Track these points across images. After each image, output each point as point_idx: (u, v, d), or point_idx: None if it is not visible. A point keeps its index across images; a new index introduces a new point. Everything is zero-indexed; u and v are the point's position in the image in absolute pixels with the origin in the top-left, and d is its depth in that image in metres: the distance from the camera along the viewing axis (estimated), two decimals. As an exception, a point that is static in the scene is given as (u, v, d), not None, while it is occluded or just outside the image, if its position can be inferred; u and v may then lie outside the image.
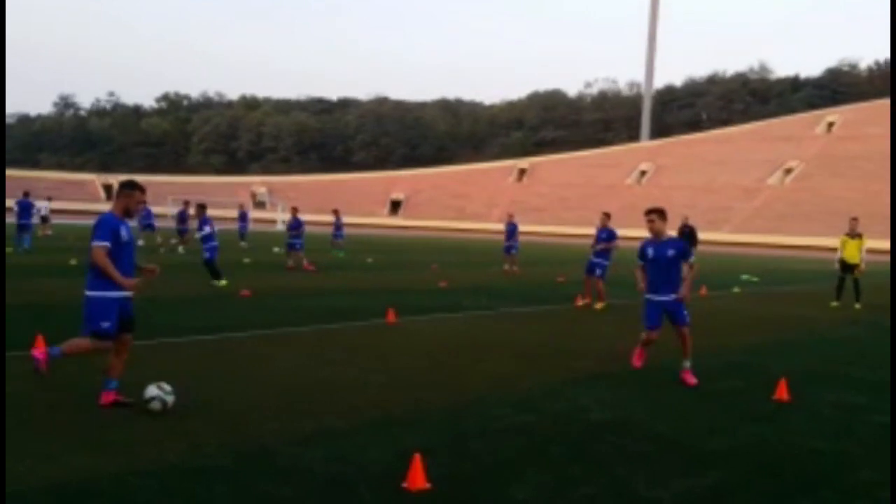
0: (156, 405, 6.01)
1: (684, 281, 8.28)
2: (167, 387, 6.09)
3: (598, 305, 14.98)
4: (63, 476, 4.63)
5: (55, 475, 4.64)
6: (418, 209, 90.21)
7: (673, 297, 8.21)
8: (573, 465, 5.27)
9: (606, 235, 15.59)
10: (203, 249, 16.78)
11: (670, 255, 8.28)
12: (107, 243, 6.18)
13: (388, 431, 5.87)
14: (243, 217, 36.72)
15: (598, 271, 15.36)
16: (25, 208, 25.25)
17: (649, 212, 8.42)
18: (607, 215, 15.82)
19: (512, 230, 24.42)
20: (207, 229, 16.87)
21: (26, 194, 25.95)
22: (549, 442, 5.80)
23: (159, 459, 4.99)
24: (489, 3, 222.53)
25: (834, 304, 17.19)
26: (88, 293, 6.25)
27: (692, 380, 8.07)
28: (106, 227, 6.23)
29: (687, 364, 8.25)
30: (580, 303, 15.42)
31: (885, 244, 50.25)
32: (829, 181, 72.63)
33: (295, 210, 24.49)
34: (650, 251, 8.37)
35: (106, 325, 6.21)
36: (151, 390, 6.05)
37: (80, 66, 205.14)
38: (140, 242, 26.15)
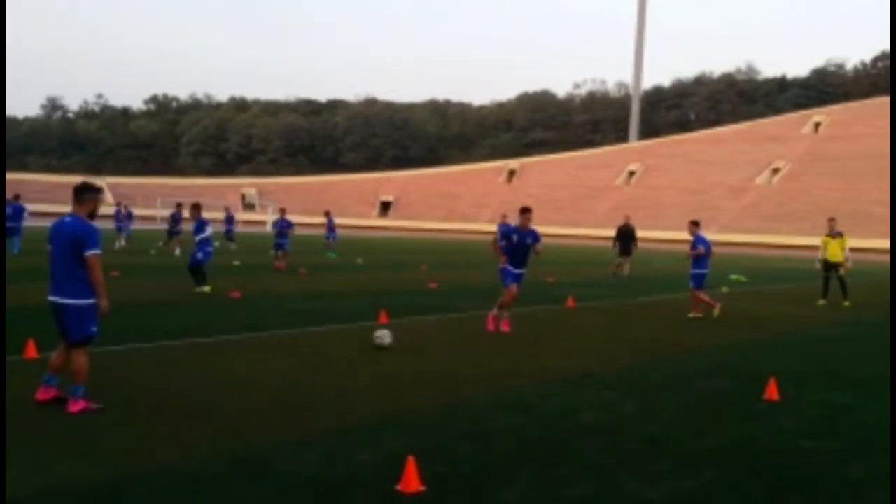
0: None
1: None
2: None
3: (714, 312, 14.12)
4: (55, 482, 4.62)
5: (47, 481, 4.63)
6: (408, 210, 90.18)
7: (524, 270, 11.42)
8: (564, 466, 5.31)
9: (698, 244, 14.55)
10: (196, 251, 15.48)
11: (528, 242, 11.25)
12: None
13: (381, 433, 5.89)
14: (229, 219, 36.86)
15: (691, 283, 14.49)
16: (16, 212, 24.67)
17: (526, 210, 11.29)
18: (695, 223, 14.67)
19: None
20: (209, 230, 15.70)
21: (16, 198, 25.46)
22: (541, 443, 5.84)
23: (152, 465, 4.99)
24: (477, 4, 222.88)
25: (821, 302, 17.52)
26: (80, 301, 6.21)
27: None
28: (99, 236, 6.27)
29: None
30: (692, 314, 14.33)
31: (873, 243, 50.69)
32: (816, 181, 73.09)
33: (283, 210, 25.64)
34: (515, 237, 11.24)
35: (95, 328, 6.35)
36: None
37: (68, 67, 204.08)
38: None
